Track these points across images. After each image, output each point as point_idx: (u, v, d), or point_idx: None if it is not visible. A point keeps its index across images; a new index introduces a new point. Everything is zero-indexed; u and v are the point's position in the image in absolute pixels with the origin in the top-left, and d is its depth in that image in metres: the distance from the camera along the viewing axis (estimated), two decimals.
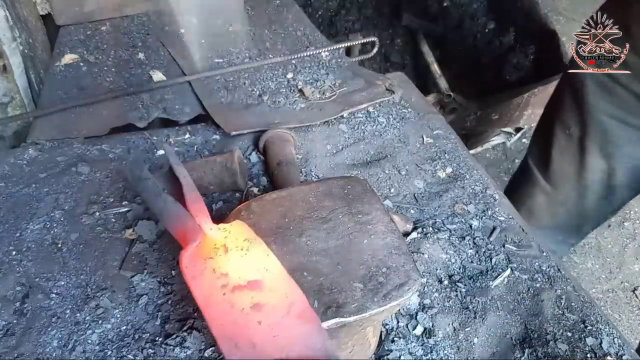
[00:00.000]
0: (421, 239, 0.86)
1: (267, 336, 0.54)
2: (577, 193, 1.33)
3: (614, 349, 0.73)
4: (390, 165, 1.02)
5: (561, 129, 1.30)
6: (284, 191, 0.72)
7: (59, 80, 1.23)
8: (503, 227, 0.90)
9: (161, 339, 0.70)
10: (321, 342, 0.54)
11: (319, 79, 1.20)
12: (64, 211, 0.90)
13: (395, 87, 1.20)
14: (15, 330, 0.72)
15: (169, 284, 0.78)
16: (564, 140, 1.30)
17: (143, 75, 1.24)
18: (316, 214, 0.68)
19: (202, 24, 1.42)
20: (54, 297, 0.76)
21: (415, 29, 2.65)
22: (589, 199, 1.32)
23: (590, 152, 1.24)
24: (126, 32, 1.39)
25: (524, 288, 0.81)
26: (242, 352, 0.53)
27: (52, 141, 1.05)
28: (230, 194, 0.94)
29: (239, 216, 0.68)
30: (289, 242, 0.64)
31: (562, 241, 1.47)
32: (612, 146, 1.21)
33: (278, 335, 0.54)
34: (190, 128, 1.10)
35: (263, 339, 0.54)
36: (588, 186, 1.30)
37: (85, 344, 0.70)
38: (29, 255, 0.82)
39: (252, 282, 0.58)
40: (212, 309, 0.56)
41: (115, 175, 0.97)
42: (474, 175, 1.00)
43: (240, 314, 0.55)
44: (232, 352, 0.53)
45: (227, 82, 1.20)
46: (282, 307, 0.56)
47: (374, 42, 1.39)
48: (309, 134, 1.09)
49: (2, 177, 0.96)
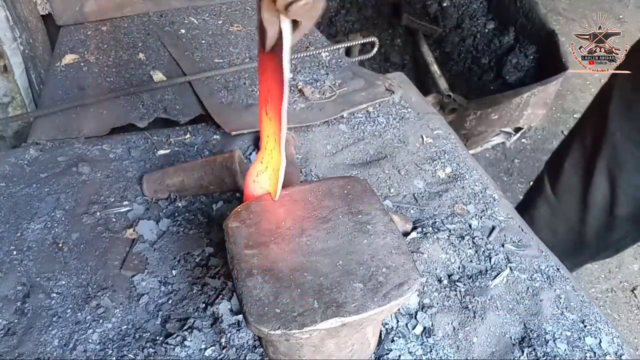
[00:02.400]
0: (421, 238, 0.86)
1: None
2: (580, 212, 1.31)
3: (613, 348, 0.74)
4: (390, 165, 1.02)
5: (579, 140, 1.29)
6: (284, 191, 0.72)
7: (59, 81, 1.23)
8: (502, 226, 0.90)
9: (162, 338, 0.71)
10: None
11: (319, 79, 1.21)
12: (65, 211, 0.90)
13: (395, 87, 1.20)
14: (16, 330, 0.72)
15: (169, 283, 0.79)
16: (577, 152, 1.29)
17: (143, 76, 1.24)
18: (316, 213, 0.68)
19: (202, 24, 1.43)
20: (55, 297, 0.76)
21: (415, 29, 2.65)
22: (590, 222, 1.31)
23: (599, 171, 1.23)
24: (127, 32, 1.40)
25: (523, 287, 0.81)
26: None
27: (53, 141, 1.06)
28: (230, 194, 0.94)
29: (239, 216, 0.68)
30: (289, 241, 0.65)
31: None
32: (619, 170, 1.20)
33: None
34: (190, 128, 1.10)
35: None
36: (591, 207, 1.28)
37: (86, 343, 0.71)
38: (29, 255, 0.83)
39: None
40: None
41: (116, 175, 0.98)
42: (474, 175, 1.01)
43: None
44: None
45: (228, 82, 1.21)
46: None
47: (374, 42, 1.40)
48: (309, 134, 1.09)
49: (3, 177, 0.97)
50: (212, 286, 0.77)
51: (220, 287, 0.77)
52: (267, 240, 0.64)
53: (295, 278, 0.60)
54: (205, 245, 0.84)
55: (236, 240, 0.65)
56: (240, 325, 0.72)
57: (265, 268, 0.61)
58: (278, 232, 0.66)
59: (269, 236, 0.65)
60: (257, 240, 0.65)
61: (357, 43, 1.40)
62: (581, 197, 1.29)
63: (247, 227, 0.66)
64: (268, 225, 0.67)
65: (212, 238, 0.85)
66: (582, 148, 1.28)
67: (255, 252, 0.63)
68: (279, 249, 0.63)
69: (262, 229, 0.66)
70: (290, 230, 0.66)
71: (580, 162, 1.28)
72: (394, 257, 0.63)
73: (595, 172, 1.24)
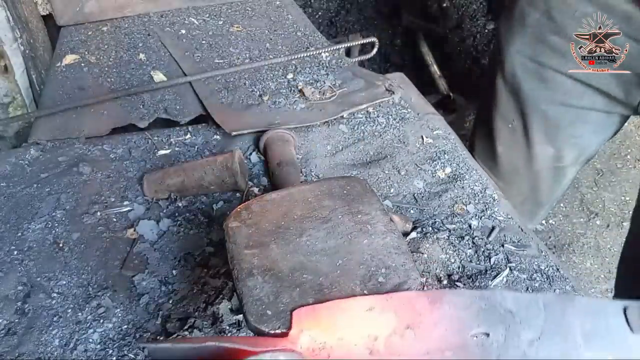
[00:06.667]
0: (420, 238, 0.86)
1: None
2: (529, 183, 1.34)
3: None
4: (390, 166, 1.02)
5: (503, 124, 1.30)
6: (284, 191, 0.73)
7: (60, 81, 1.23)
8: (502, 226, 0.91)
9: (162, 338, 0.71)
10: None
11: (319, 80, 1.21)
12: (66, 211, 0.90)
13: (395, 88, 1.21)
14: (16, 330, 0.73)
15: (169, 283, 0.79)
16: (508, 135, 1.30)
17: (144, 76, 1.24)
18: (316, 213, 0.68)
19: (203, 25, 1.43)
20: (56, 297, 0.77)
21: (415, 29, 2.65)
22: (542, 186, 1.34)
23: (537, 142, 1.25)
24: (127, 32, 1.40)
25: (522, 287, 0.81)
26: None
27: (54, 141, 1.06)
28: (230, 194, 0.94)
29: (239, 216, 0.69)
30: (289, 241, 0.65)
31: None
32: (556, 130, 1.22)
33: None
34: (190, 128, 1.10)
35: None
36: (539, 173, 1.31)
37: (86, 343, 0.71)
38: (30, 254, 0.83)
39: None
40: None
41: (116, 175, 0.98)
42: (473, 175, 1.01)
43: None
44: None
45: (228, 83, 1.21)
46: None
47: (374, 42, 1.40)
48: (309, 134, 1.09)
49: (3, 177, 0.97)
50: (213, 286, 0.77)
51: (221, 287, 0.77)
52: (267, 240, 0.65)
53: (295, 278, 0.60)
54: (206, 245, 0.84)
55: (236, 240, 0.65)
56: (240, 324, 0.72)
57: (266, 268, 0.61)
58: (278, 232, 0.66)
59: (269, 236, 0.65)
60: (257, 240, 0.65)
61: (357, 43, 1.41)
62: (527, 170, 1.31)
63: (247, 227, 0.67)
64: (268, 225, 0.67)
65: (213, 238, 0.85)
66: (510, 130, 1.29)
67: (255, 252, 0.63)
68: (279, 249, 0.64)
69: (262, 229, 0.66)
70: (290, 230, 0.66)
71: (514, 141, 1.29)
72: (394, 257, 0.63)
73: (533, 144, 1.26)
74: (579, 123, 1.20)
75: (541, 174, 1.31)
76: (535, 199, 1.38)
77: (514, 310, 0.53)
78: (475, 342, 0.51)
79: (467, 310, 0.54)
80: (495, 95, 1.29)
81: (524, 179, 1.34)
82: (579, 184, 2.43)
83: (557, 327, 0.52)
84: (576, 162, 1.30)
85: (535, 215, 1.46)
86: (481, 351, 0.50)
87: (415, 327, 0.52)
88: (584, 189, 2.45)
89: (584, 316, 0.53)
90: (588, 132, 1.22)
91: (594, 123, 1.20)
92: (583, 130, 1.21)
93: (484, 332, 0.52)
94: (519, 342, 0.51)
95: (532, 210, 1.43)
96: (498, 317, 0.53)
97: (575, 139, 1.23)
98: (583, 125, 1.20)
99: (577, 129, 1.21)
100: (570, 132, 1.22)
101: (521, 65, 1.18)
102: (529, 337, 0.51)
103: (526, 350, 0.50)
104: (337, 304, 0.55)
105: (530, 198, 1.37)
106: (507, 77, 1.23)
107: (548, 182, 1.33)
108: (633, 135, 2.70)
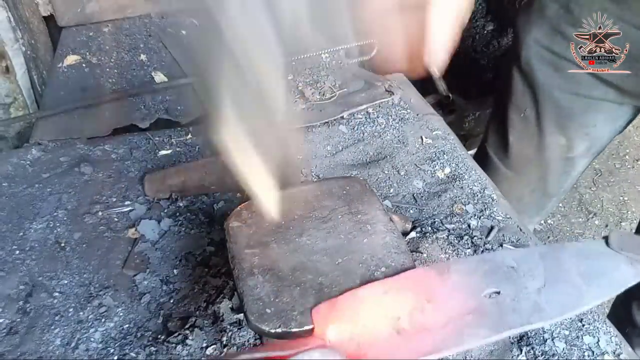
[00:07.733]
0: (420, 238, 0.87)
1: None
2: (539, 173, 1.35)
3: (611, 347, 0.74)
4: (390, 166, 1.03)
5: (516, 114, 1.31)
6: (284, 191, 0.73)
7: (61, 82, 1.24)
8: (501, 226, 0.91)
9: (163, 337, 0.71)
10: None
11: (319, 81, 1.21)
12: (67, 211, 0.91)
13: (394, 89, 1.21)
14: (18, 329, 0.73)
15: (171, 282, 0.79)
16: (520, 125, 1.31)
17: (145, 77, 1.25)
18: (316, 213, 0.69)
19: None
20: (57, 296, 0.77)
21: None
22: (551, 177, 1.34)
23: (548, 131, 1.26)
24: (128, 33, 1.40)
25: None
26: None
27: (55, 141, 1.06)
28: (231, 194, 0.95)
29: (240, 216, 0.69)
30: (290, 241, 0.65)
31: (528, 222, 1.49)
32: (567, 119, 1.23)
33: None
34: (192, 129, 1.10)
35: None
36: (549, 164, 1.32)
37: (88, 342, 0.71)
38: (32, 254, 0.83)
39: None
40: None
41: (118, 175, 0.98)
42: (473, 175, 1.01)
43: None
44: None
45: None
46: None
47: (374, 43, 1.40)
48: (309, 135, 1.09)
49: (5, 177, 0.97)
50: (213, 285, 0.78)
51: (222, 286, 0.77)
52: (268, 239, 0.65)
53: (295, 277, 0.60)
54: (207, 244, 0.85)
55: (237, 239, 0.66)
56: (241, 323, 0.72)
57: (266, 267, 0.62)
58: (278, 231, 0.67)
59: (270, 236, 0.66)
60: (258, 239, 0.66)
61: (357, 45, 1.41)
62: (537, 160, 1.32)
63: (248, 226, 0.67)
64: (268, 225, 0.68)
65: (214, 237, 0.86)
66: (522, 119, 1.30)
67: (256, 251, 0.64)
68: (279, 249, 0.64)
69: (262, 228, 0.67)
70: (290, 230, 0.67)
71: (526, 131, 1.30)
72: (394, 256, 0.64)
73: (544, 134, 1.26)
74: (591, 112, 1.20)
75: (551, 164, 1.31)
76: (544, 189, 1.38)
77: (515, 265, 0.58)
78: (490, 302, 0.55)
79: (474, 274, 0.57)
80: (510, 85, 1.30)
81: (534, 168, 1.34)
82: (578, 184, 2.43)
83: (557, 273, 0.57)
84: (586, 154, 1.29)
85: (542, 208, 1.46)
86: (497, 308, 0.54)
87: (432, 300, 0.55)
88: (583, 189, 2.46)
89: (577, 259, 0.59)
90: (600, 122, 1.22)
91: (605, 113, 1.20)
92: (595, 120, 1.22)
93: (494, 291, 0.55)
94: (527, 293, 0.55)
95: (540, 202, 1.43)
96: (503, 274, 0.57)
97: (587, 129, 1.24)
98: (595, 115, 1.21)
99: (589, 118, 1.21)
100: (582, 121, 1.22)
101: (537, 54, 1.19)
102: (535, 287, 0.56)
103: (536, 299, 0.54)
104: (354, 294, 0.57)
105: (539, 189, 1.38)
106: (522, 66, 1.24)
107: (557, 173, 1.34)
108: (631, 135, 2.71)
